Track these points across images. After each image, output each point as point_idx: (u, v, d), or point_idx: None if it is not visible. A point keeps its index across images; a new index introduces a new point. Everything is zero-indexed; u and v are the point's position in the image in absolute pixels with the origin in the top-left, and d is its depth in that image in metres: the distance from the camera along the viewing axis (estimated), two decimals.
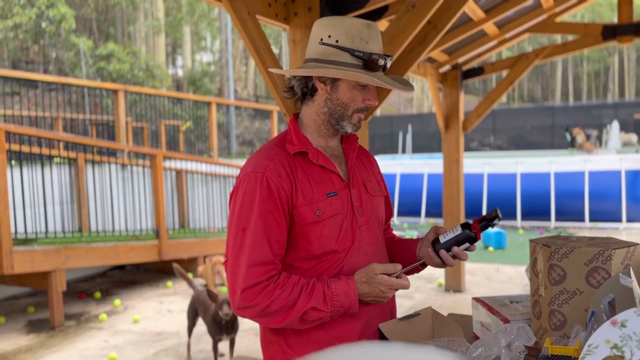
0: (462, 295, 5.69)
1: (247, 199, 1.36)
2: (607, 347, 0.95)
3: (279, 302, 1.32)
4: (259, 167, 1.38)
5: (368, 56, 1.35)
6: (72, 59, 18.40)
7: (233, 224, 1.38)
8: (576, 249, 1.47)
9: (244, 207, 1.36)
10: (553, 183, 10.40)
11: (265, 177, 1.36)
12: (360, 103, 1.41)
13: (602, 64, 37.57)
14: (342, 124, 1.44)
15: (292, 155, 1.43)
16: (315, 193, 1.41)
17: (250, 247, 1.34)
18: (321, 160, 1.44)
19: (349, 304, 1.36)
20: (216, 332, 3.80)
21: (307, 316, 1.34)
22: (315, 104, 1.45)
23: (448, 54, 5.32)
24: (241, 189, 1.38)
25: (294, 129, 1.47)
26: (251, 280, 1.32)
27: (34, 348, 4.65)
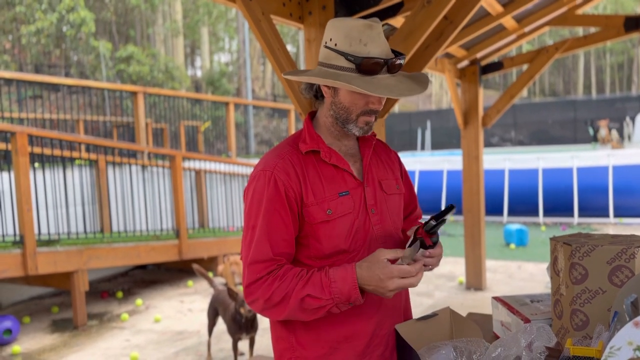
0: (483, 293, 5.62)
1: (257, 197, 1.37)
2: (630, 349, 0.92)
3: (279, 294, 1.32)
4: (269, 166, 1.39)
5: (360, 60, 1.31)
6: (93, 62, 18.68)
7: (244, 222, 1.42)
8: (598, 247, 1.43)
9: (253, 204, 1.38)
10: (576, 178, 10.21)
11: (274, 176, 1.36)
12: (363, 107, 1.38)
13: (625, 55, 36.76)
14: (348, 127, 1.42)
15: (305, 153, 1.42)
16: (326, 192, 1.40)
17: (255, 244, 1.36)
18: (333, 159, 1.43)
19: (348, 290, 1.30)
20: (236, 330, 3.82)
21: (305, 304, 1.31)
22: (325, 106, 1.45)
23: (466, 49, 5.25)
24: (251, 186, 1.40)
25: (307, 128, 1.47)
26: (253, 276, 1.35)
27: (57, 347, 4.73)
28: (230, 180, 8.34)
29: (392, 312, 1.52)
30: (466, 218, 5.79)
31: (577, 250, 1.45)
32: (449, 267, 6.92)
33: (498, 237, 9.05)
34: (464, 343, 1.43)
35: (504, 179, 10.82)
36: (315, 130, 1.47)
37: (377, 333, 1.47)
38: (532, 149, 18.21)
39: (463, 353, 1.40)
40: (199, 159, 7.88)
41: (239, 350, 4.15)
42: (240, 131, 17.47)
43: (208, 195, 8.10)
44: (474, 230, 5.74)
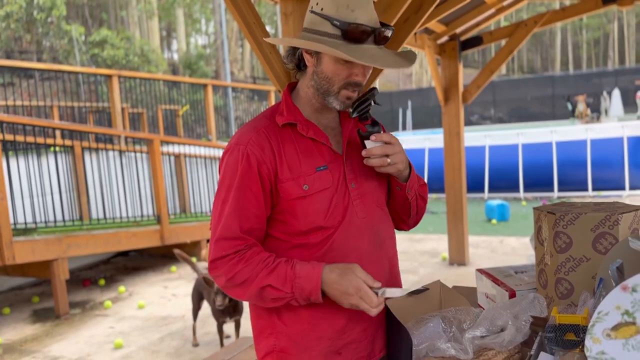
0: (466, 268, 5.67)
1: (229, 171, 1.34)
2: (618, 313, 0.91)
3: (241, 276, 1.30)
4: (243, 139, 1.34)
5: (346, 26, 1.24)
6: (66, 46, 18.22)
7: (216, 194, 1.38)
8: (582, 215, 1.42)
9: (225, 178, 1.34)
10: (555, 153, 10.32)
11: (247, 150, 1.32)
12: (346, 78, 1.30)
13: (601, 31, 37.11)
14: (328, 99, 1.35)
15: (282, 126, 1.37)
16: (303, 167, 1.34)
17: (224, 220, 1.32)
18: (311, 132, 1.37)
19: (310, 289, 1.27)
20: (219, 315, 3.80)
21: (265, 293, 1.29)
22: (307, 76, 1.38)
23: (445, 24, 5.21)
24: (224, 160, 1.36)
25: (285, 99, 1.41)
26: (218, 253, 1.32)
27: (40, 337, 4.66)
28: (211, 164, 8.24)
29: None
30: (448, 195, 5.81)
31: (561, 218, 1.44)
32: (432, 243, 6.97)
33: (480, 213, 9.14)
34: (453, 312, 1.42)
35: (485, 156, 10.89)
36: (294, 102, 1.41)
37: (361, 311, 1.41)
38: (511, 125, 18.35)
39: (452, 323, 1.39)
40: (178, 142, 7.76)
41: (225, 333, 4.14)
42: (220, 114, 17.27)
43: (189, 179, 8.00)
44: (456, 206, 5.76)
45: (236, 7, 2.34)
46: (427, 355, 1.31)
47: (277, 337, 1.39)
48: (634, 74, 22.39)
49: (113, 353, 4.18)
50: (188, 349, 4.13)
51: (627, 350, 0.91)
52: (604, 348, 0.92)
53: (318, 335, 1.37)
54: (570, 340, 1.19)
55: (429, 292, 1.60)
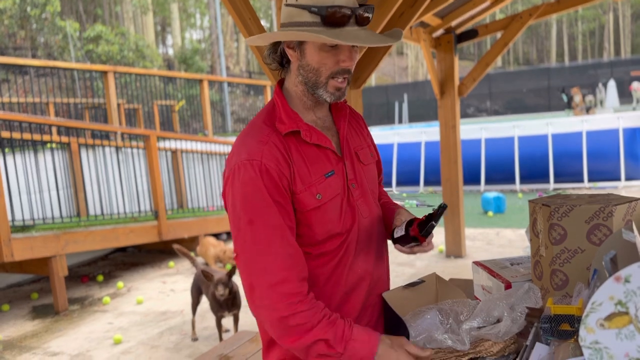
0: (463, 260, 5.70)
1: (249, 189, 1.20)
2: (611, 303, 0.93)
3: (299, 319, 1.19)
4: (255, 154, 1.22)
5: (324, 10, 1.17)
6: (60, 43, 18.12)
7: (237, 222, 1.23)
8: (576, 207, 1.44)
9: (247, 197, 1.21)
10: (551, 145, 10.35)
11: (264, 165, 1.21)
12: (334, 66, 1.24)
13: (597, 22, 37.11)
14: (318, 92, 1.28)
15: (284, 135, 1.28)
16: (313, 176, 1.28)
17: (266, 247, 1.20)
18: (314, 138, 1.30)
19: (363, 355, 1.21)
20: (217, 309, 3.82)
21: (316, 346, 1.20)
22: (293, 74, 1.31)
23: (441, 17, 5.21)
24: (237, 179, 1.22)
25: (282, 103, 1.32)
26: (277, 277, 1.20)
27: (39, 333, 4.67)
28: (208, 159, 8.25)
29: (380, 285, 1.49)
30: (444, 188, 5.83)
31: (556, 210, 1.46)
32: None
33: (476, 205, 9.18)
34: (450, 304, 1.44)
35: (481, 149, 10.92)
36: (289, 104, 1.33)
37: (365, 306, 1.44)
38: (507, 118, 18.38)
39: (449, 315, 1.41)
40: (174, 138, 7.75)
41: (224, 327, 4.16)
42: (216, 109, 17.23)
43: (186, 175, 8.01)
44: (453, 199, 5.79)
45: (231, 2, 2.34)
46: (425, 346, 1.33)
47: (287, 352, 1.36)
48: (629, 65, 22.43)
49: (112, 348, 4.20)
50: (187, 344, 4.15)
51: (620, 339, 0.93)
52: (597, 338, 0.94)
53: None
54: (565, 331, 1.21)
55: (426, 285, 1.63)
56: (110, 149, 7.01)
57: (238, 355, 2.71)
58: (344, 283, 1.37)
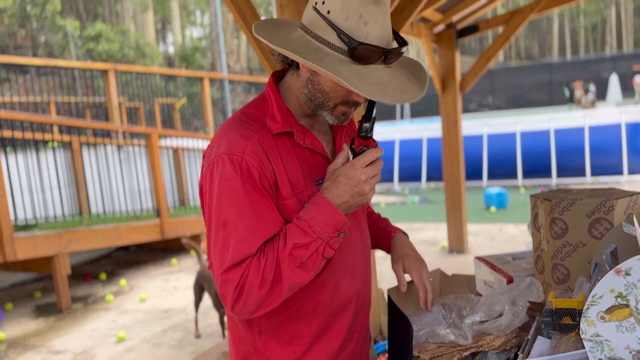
0: (466, 256, 5.70)
1: (226, 186, 1.11)
2: (612, 296, 0.93)
3: (269, 268, 1.09)
4: (236, 149, 1.11)
5: (355, 45, 1.03)
6: (61, 41, 18.14)
7: (211, 219, 1.14)
8: (577, 201, 1.44)
9: (222, 196, 1.11)
10: (553, 140, 10.34)
11: (245, 162, 1.10)
12: (345, 96, 1.13)
13: (599, 16, 36.98)
14: (322, 112, 1.18)
15: (275, 134, 1.17)
16: (303, 181, 1.19)
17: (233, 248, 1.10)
18: (307, 141, 1.20)
19: (330, 218, 1.10)
20: (220, 305, 3.83)
21: (295, 259, 1.09)
22: (300, 80, 1.18)
23: (442, 12, 5.19)
24: (215, 173, 1.12)
25: (276, 100, 1.20)
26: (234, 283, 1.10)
27: (43, 332, 4.69)
28: None
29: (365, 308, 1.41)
30: (446, 183, 5.83)
31: (557, 205, 1.46)
32: (431, 232, 7.00)
33: (478, 201, 9.17)
34: (452, 299, 1.44)
35: (483, 144, 10.90)
36: (285, 103, 1.21)
37: (352, 329, 1.34)
38: (509, 113, 18.34)
39: (452, 309, 1.41)
40: (176, 135, 7.76)
41: (226, 324, 4.17)
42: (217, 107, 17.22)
43: (187, 173, 8.01)
44: (455, 195, 5.78)
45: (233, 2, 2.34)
46: (427, 341, 1.33)
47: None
48: (631, 59, 22.35)
49: (116, 346, 4.21)
50: (190, 341, 4.16)
51: (621, 332, 0.93)
52: (598, 330, 0.94)
53: None
54: (567, 324, 1.21)
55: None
56: (111, 148, 7.02)
57: None
58: (329, 304, 1.26)
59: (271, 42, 1.08)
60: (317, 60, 1.04)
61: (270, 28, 1.14)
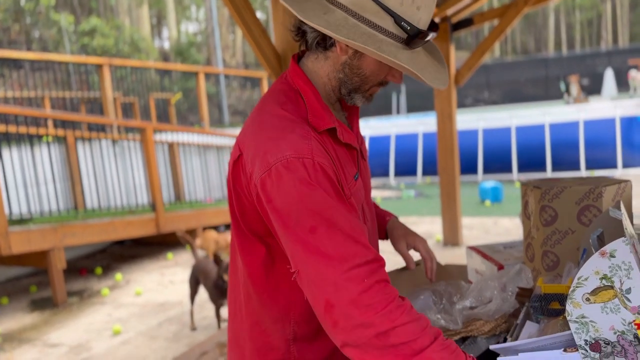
0: (460, 249, 5.73)
1: (306, 192, 0.98)
2: (597, 278, 0.94)
3: (403, 334, 0.92)
4: (303, 151, 1.00)
5: (416, 31, 1.00)
6: (55, 36, 18.05)
7: (298, 228, 0.98)
8: (567, 189, 1.45)
9: (304, 202, 0.97)
10: (548, 134, 10.37)
11: (317, 163, 1.00)
12: (383, 78, 1.12)
13: (594, 11, 37.01)
14: (353, 95, 1.13)
15: (320, 132, 1.08)
16: (347, 178, 1.12)
17: (338, 246, 0.97)
18: (346, 137, 1.13)
19: None
20: (218, 296, 3.84)
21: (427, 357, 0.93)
22: (329, 63, 1.11)
23: (436, 6, 5.20)
24: (286, 179, 0.98)
25: (313, 94, 1.11)
26: (357, 285, 0.94)
27: (38, 325, 4.70)
28: (205, 152, 8.25)
29: None
30: (441, 177, 5.85)
31: (547, 192, 1.47)
32: (427, 226, 7.02)
33: (474, 195, 9.20)
34: (443, 286, 1.46)
35: (478, 139, 10.93)
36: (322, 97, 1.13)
37: None
38: (505, 107, 18.37)
39: (443, 295, 1.43)
40: (171, 130, 7.75)
41: (223, 316, 4.18)
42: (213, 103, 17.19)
43: (183, 167, 8.01)
44: (449, 188, 5.80)
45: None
46: None
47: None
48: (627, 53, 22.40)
49: (112, 339, 4.22)
50: (186, 334, 4.18)
51: (606, 313, 0.94)
52: (584, 312, 0.96)
53: None
54: (555, 309, 1.23)
55: (421, 268, 1.64)
56: (106, 142, 7.01)
57: None
58: None
59: (317, 24, 0.99)
60: (378, 49, 0.99)
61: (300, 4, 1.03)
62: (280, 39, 2.68)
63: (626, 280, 0.92)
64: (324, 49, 1.09)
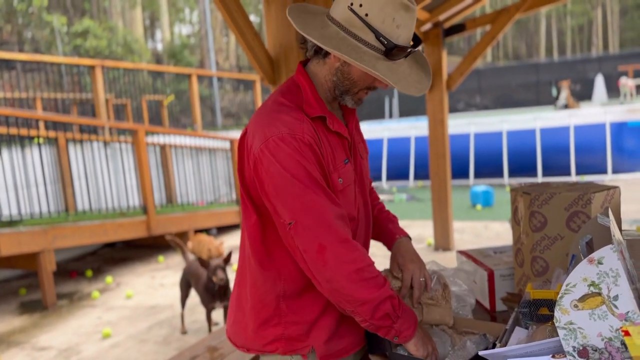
0: (451, 253, 5.75)
1: (298, 158, 1.21)
2: (585, 285, 0.95)
3: (373, 271, 1.25)
4: (296, 129, 1.23)
5: (392, 46, 1.20)
6: (47, 37, 17.94)
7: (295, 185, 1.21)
8: (556, 195, 1.46)
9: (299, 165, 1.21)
10: (539, 139, 10.44)
11: (308, 140, 1.23)
12: (370, 83, 1.31)
13: (585, 17, 37.34)
14: (345, 97, 1.34)
15: (312, 119, 1.30)
16: (336, 160, 1.33)
17: (324, 202, 1.23)
18: (336, 126, 1.34)
19: (408, 326, 1.29)
20: (209, 300, 3.83)
21: (385, 305, 1.24)
22: (326, 67, 1.32)
23: (429, 11, 5.22)
24: (282, 149, 1.21)
25: (310, 87, 1.33)
26: (339, 233, 1.22)
27: (27, 328, 4.65)
28: (197, 154, 8.22)
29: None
30: (433, 181, 5.87)
31: (536, 198, 1.49)
32: (418, 230, 7.04)
33: (465, 199, 9.24)
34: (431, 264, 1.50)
35: (470, 143, 10.98)
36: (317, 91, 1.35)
37: None
38: (496, 112, 18.47)
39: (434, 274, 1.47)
40: (163, 132, 7.72)
41: (213, 320, 4.16)
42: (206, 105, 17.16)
43: (175, 170, 7.98)
44: (441, 192, 5.82)
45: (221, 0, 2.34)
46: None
47: (286, 327, 1.37)
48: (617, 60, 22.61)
49: (101, 342, 4.19)
50: (176, 337, 4.16)
51: (593, 320, 0.95)
52: (572, 318, 0.96)
53: (325, 324, 1.38)
54: (544, 315, 1.24)
55: None
56: (98, 144, 6.97)
57: (226, 346, 2.72)
58: None
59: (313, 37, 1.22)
60: (358, 58, 1.20)
61: (302, 21, 1.26)
62: (273, 42, 2.68)
63: (613, 287, 0.93)
64: (323, 56, 1.31)
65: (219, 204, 7.86)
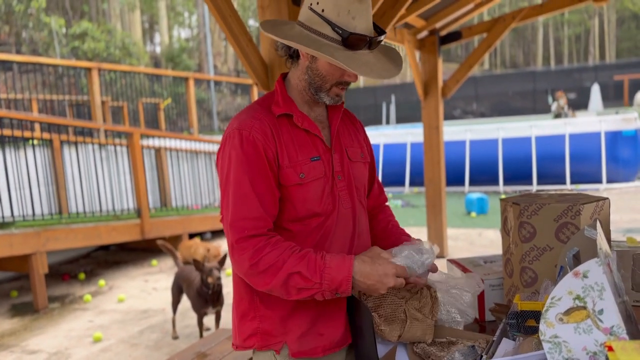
0: (445, 260, 5.74)
1: (235, 155, 1.33)
2: (570, 298, 0.95)
3: (268, 260, 1.28)
4: (245, 126, 1.35)
5: (347, 35, 1.29)
6: (45, 39, 17.92)
7: (223, 181, 1.37)
8: (545, 206, 1.46)
9: (231, 163, 1.34)
10: (534, 147, 10.46)
11: (252, 136, 1.33)
12: (339, 78, 1.37)
13: (582, 27, 37.56)
14: (320, 94, 1.41)
15: (278, 117, 1.40)
16: (299, 156, 1.39)
17: (240, 201, 1.32)
18: (305, 124, 1.41)
19: (340, 280, 1.27)
20: (201, 305, 3.81)
21: (292, 281, 1.27)
22: (299, 69, 1.42)
23: (425, 19, 5.24)
24: (227, 145, 1.36)
25: (280, 90, 1.44)
26: (240, 233, 1.30)
27: (18, 331, 4.62)
28: (193, 158, 8.21)
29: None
30: (427, 188, 5.87)
31: (526, 209, 1.48)
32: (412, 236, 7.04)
33: (460, 206, 9.24)
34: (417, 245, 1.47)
35: (466, 150, 11.00)
36: (287, 93, 1.45)
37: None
38: (492, 120, 18.52)
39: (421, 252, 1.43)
40: (158, 135, 7.71)
41: (205, 325, 4.14)
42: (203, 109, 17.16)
43: (170, 173, 7.96)
44: (435, 199, 5.83)
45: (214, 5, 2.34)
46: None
47: (261, 320, 1.42)
48: (613, 69, 22.75)
49: (92, 346, 4.16)
50: (167, 342, 4.13)
51: (578, 333, 0.94)
52: (557, 332, 0.96)
53: (298, 320, 1.41)
54: (531, 327, 1.23)
55: None
56: (93, 147, 6.95)
57: (215, 352, 2.70)
58: None
59: (278, 37, 1.34)
60: (317, 49, 1.28)
61: (272, 27, 1.39)
62: (268, 48, 2.69)
63: (599, 301, 0.93)
64: (296, 59, 1.41)
65: (214, 208, 7.84)
